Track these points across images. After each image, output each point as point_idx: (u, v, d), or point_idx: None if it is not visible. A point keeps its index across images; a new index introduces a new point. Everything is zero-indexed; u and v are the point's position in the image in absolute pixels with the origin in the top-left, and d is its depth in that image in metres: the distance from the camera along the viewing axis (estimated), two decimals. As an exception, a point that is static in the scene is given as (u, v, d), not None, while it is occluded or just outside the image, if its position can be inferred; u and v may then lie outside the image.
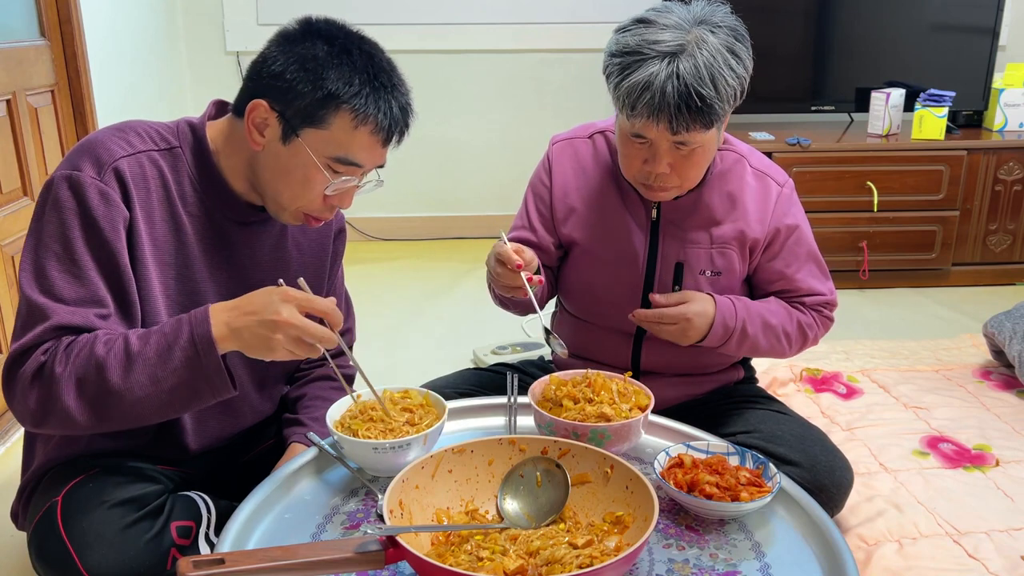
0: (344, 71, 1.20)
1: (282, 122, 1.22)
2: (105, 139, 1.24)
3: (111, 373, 1.12)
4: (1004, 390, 2.31)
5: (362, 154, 1.24)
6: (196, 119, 1.33)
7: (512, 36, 3.90)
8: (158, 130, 1.29)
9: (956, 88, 3.43)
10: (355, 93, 1.20)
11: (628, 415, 1.30)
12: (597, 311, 1.64)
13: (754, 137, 3.39)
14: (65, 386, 1.12)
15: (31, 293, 1.17)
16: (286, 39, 1.24)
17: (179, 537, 1.20)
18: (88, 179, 1.19)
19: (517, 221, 1.69)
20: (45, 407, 1.14)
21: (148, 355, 1.13)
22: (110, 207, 1.19)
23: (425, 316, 3.12)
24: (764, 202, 1.56)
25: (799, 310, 1.60)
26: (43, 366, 1.14)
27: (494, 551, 1.03)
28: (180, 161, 1.28)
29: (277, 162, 1.25)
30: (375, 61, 1.24)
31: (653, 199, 1.52)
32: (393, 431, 1.21)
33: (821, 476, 1.49)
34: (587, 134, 1.64)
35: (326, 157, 1.23)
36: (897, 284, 3.44)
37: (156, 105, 3.48)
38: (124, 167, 1.22)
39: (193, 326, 1.14)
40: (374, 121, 1.22)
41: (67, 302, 1.17)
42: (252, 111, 1.23)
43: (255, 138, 1.24)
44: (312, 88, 1.20)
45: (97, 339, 1.14)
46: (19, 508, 1.36)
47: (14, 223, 2.33)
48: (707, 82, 1.33)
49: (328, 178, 1.24)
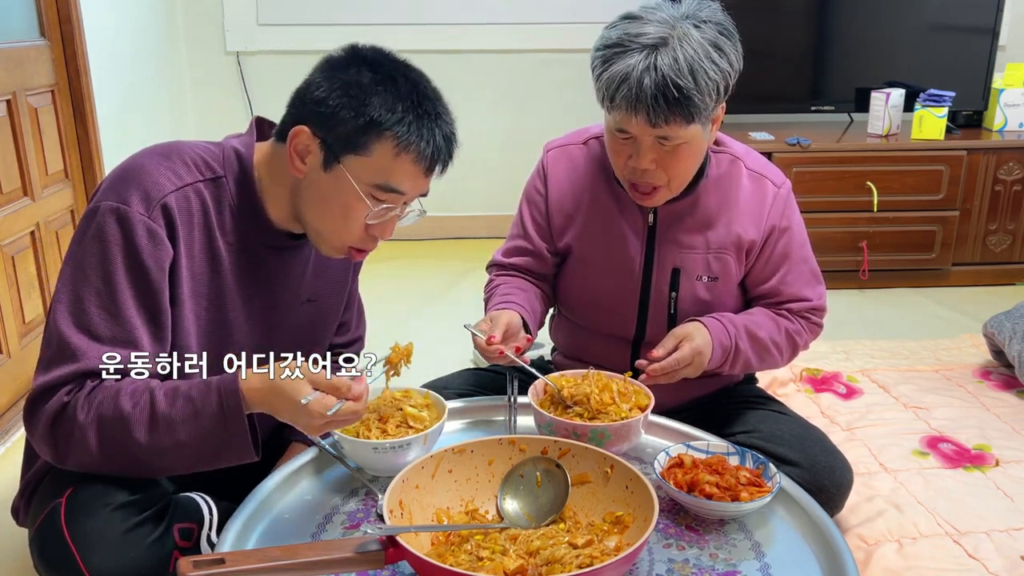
0: (388, 98, 1.18)
1: (324, 149, 1.20)
2: (153, 169, 1.21)
3: (135, 430, 1.12)
4: (1004, 390, 2.31)
5: (405, 182, 1.22)
6: (240, 142, 1.30)
7: (512, 36, 3.90)
8: (204, 157, 1.27)
9: (956, 88, 3.43)
10: (398, 120, 1.18)
11: (628, 415, 1.30)
12: (595, 317, 1.64)
13: (754, 137, 3.39)
14: (87, 433, 1.13)
15: (64, 327, 1.15)
16: (331, 66, 1.22)
17: (181, 539, 1.20)
18: (137, 215, 1.17)
19: (513, 230, 1.68)
20: (66, 450, 1.15)
21: (174, 418, 1.13)
22: (157, 246, 1.18)
23: (425, 316, 3.12)
24: (760, 204, 1.55)
25: (785, 318, 1.58)
26: (65, 408, 1.13)
27: (494, 551, 1.03)
28: (223, 191, 1.27)
29: (318, 190, 1.23)
30: (420, 89, 1.22)
31: (643, 204, 1.51)
32: (402, 426, 1.22)
33: (821, 476, 1.49)
34: (582, 140, 1.62)
35: (368, 184, 1.21)
36: (897, 284, 3.44)
37: (156, 105, 3.48)
38: (172, 203, 1.20)
39: (223, 396, 1.13)
40: (417, 149, 1.20)
41: (101, 340, 1.15)
42: (294, 137, 1.21)
43: (296, 165, 1.23)
44: (355, 114, 1.18)
45: (122, 391, 1.13)
46: (21, 504, 1.36)
47: (14, 223, 2.33)
48: (685, 74, 1.32)
49: (369, 206, 1.22)
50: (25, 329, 2.38)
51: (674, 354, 1.43)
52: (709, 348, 1.46)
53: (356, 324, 1.61)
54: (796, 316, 1.59)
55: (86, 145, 2.75)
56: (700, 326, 1.48)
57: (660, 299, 1.57)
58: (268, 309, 1.35)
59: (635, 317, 1.59)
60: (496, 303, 1.54)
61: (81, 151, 2.75)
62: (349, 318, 1.58)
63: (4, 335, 2.27)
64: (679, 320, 1.56)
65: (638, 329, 1.60)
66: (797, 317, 1.59)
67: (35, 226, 2.44)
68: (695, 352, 1.43)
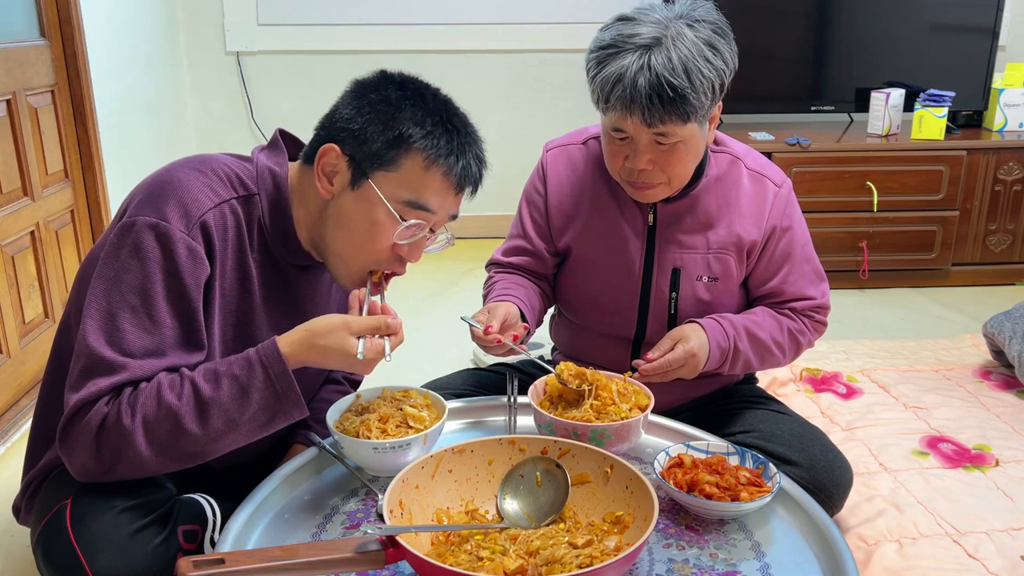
0: (417, 112, 1.19)
1: (352, 166, 1.20)
2: (190, 184, 1.20)
3: (187, 421, 1.12)
4: (1004, 390, 2.31)
5: (434, 199, 1.21)
6: (275, 163, 1.29)
7: (512, 36, 3.90)
8: (238, 174, 1.26)
9: (956, 88, 3.43)
10: (427, 133, 1.18)
11: (628, 415, 1.30)
12: (595, 318, 1.63)
13: (754, 137, 3.39)
14: (136, 436, 1.12)
15: (97, 344, 1.14)
16: (361, 87, 1.23)
17: (186, 541, 1.20)
18: (177, 233, 1.16)
19: (512, 230, 1.68)
20: (115, 457, 1.13)
21: (223, 400, 1.13)
22: (196, 264, 1.17)
23: (425, 316, 3.13)
24: (760, 204, 1.55)
25: (788, 317, 1.58)
26: (106, 418, 1.13)
27: (494, 551, 1.03)
28: (255, 209, 1.26)
29: (345, 210, 1.22)
30: (450, 107, 1.23)
31: (640, 199, 1.50)
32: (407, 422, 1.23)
33: (820, 476, 1.49)
34: (581, 139, 1.62)
35: (396, 201, 1.20)
36: (897, 284, 3.44)
37: (156, 105, 3.48)
38: (210, 220, 1.19)
39: (267, 366, 1.14)
40: (446, 164, 1.20)
41: (135, 355, 1.14)
42: (323, 156, 1.21)
43: (324, 186, 1.22)
44: (384, 129, 1.18)
45: (162, 386, 1.13)
46: (22, 503, 1.36)
47: (14, 223, 2.33)
48: (680, 73, 1.32)
49: (399, 220, 1.20)
50: (25, 329, 2.38)
51: (667, 355, 1.43)
52: (705, 351, 1.46)
53: None
54: (800, 315, 1.59)
55: (86, 145, 2.75)
56: (697, 328, 1.48)
57: (660, 299, 1.56)
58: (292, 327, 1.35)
59: (635, 317, 1.59)
60: (494, 297, 1.54)
61: (81, 151, 2.75)
62: None
63: (4, 335, 2.27)
64: (680, 320, 1.56)
65: (638, 329, 1.60)
66: (801, 316, 1.59)
67: (35, 226, 2.44)
68: (689, 354, 1.43)
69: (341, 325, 1.16)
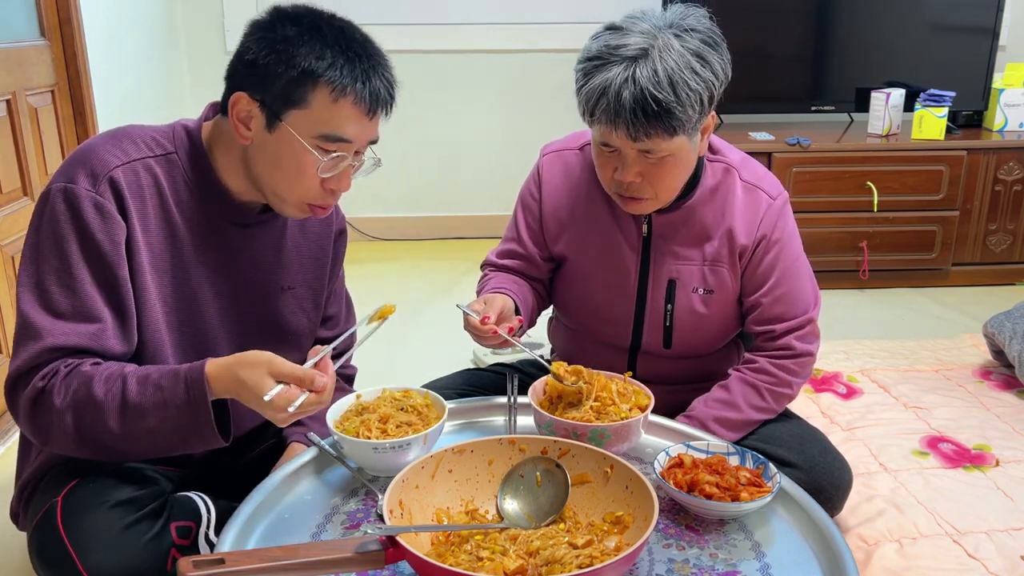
0: (315, 46, 1.19)
1: (264, 110, 1.21)
2: (99, 148, 1.23)
3: (108, 417, 1.14)
4: (1004, 390, 2.32)
5: (348, 127, 1.22)
6: (191, 122, 1.32)
7: (512, 36, 3.90)
8: (153, 136, 1.29)
9: (956, 88, 3.43)
10: (329, 65, 1.19)
11: (628, 415, 1.30)
12: (591, 325, 1.63)
13: (754, 137, 3.39)
14: (64, 418, 1.15)
15: (27, 308, 1.18)
16: (257, 28, 1.24)
17: (179, 537, 1.20)
18: (83, 191, 1.18)
19: (507, 233, 1.68)
20: (46, 434, 1.17)
21: (144, 407, 1.14)
22: (106, 220, 1.19)
23: (425, 316, 3.12)
24: (753, 214, 1.51)
25: (766, 374, 1.52)
26: (41, 393, 1.15)
27: (494, 551, 1.03)
28: (176, 166, 1.28)
29: (267, 152, 1.24)
30: (347, 34, 1.23)
31: (630, 212, 1.48)
32: (401, 426, 1.22)
33: (819, 477, 1.48)
34: (578, 145, 1.61)
35: (313, 137, 1.22)
36: (897, 284, 3.44)
37: (156, 105, 3.48)
38: (119, 177, 1.21)
39: (190, 386, 1.14)
40: (353, 91, 1.20)
41: (64, 317, 1.17)
42: (234, 105, 1.23)
43: (242, 132, 1.24)
44: (286, 68, 1.19)
45: (96, 377, 1.15)
46: (19, 508, 1.36)
47: (14, 223, 2.33)
48: (665, 86, 1.29)
49: (319, 158, 1.22)
50: (25, 329, 2.38)
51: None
52: None
53: (345, 319, 1.60)
54: (778, 358, 1.53)
55: (86, 145, 2.75)
56: None
57: (656, 310, 1.56)
58: (240, 287, 1.36)
59: (631, 327, 1.59)
60: (489, 290, 1.54)
61: (81, 151, 2.75)
62: (337, 312, 1.57)
63: (4, 335, 2.27)
64: (676, 331, 1.55)
65: (634, 338, 1.60)
66: (779, 361, 1.52)
67: (35, 226, 2.44)
68: None
69: (265, 363, 1.13)
